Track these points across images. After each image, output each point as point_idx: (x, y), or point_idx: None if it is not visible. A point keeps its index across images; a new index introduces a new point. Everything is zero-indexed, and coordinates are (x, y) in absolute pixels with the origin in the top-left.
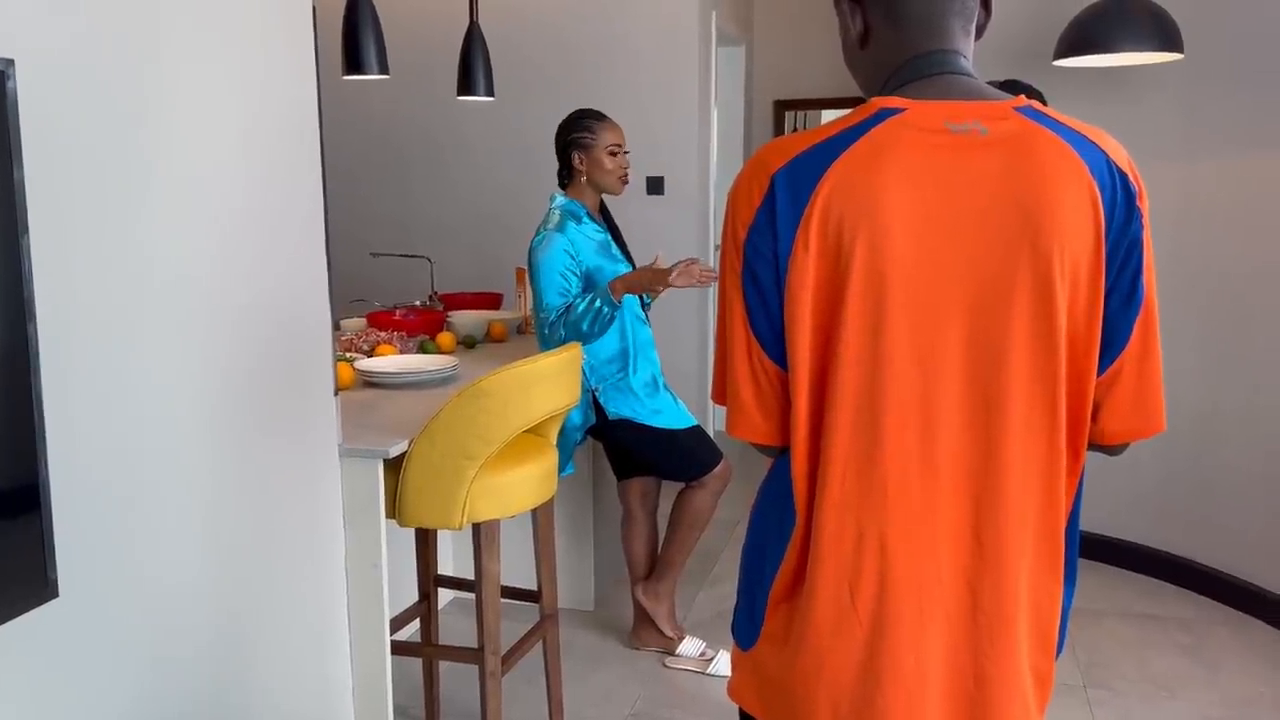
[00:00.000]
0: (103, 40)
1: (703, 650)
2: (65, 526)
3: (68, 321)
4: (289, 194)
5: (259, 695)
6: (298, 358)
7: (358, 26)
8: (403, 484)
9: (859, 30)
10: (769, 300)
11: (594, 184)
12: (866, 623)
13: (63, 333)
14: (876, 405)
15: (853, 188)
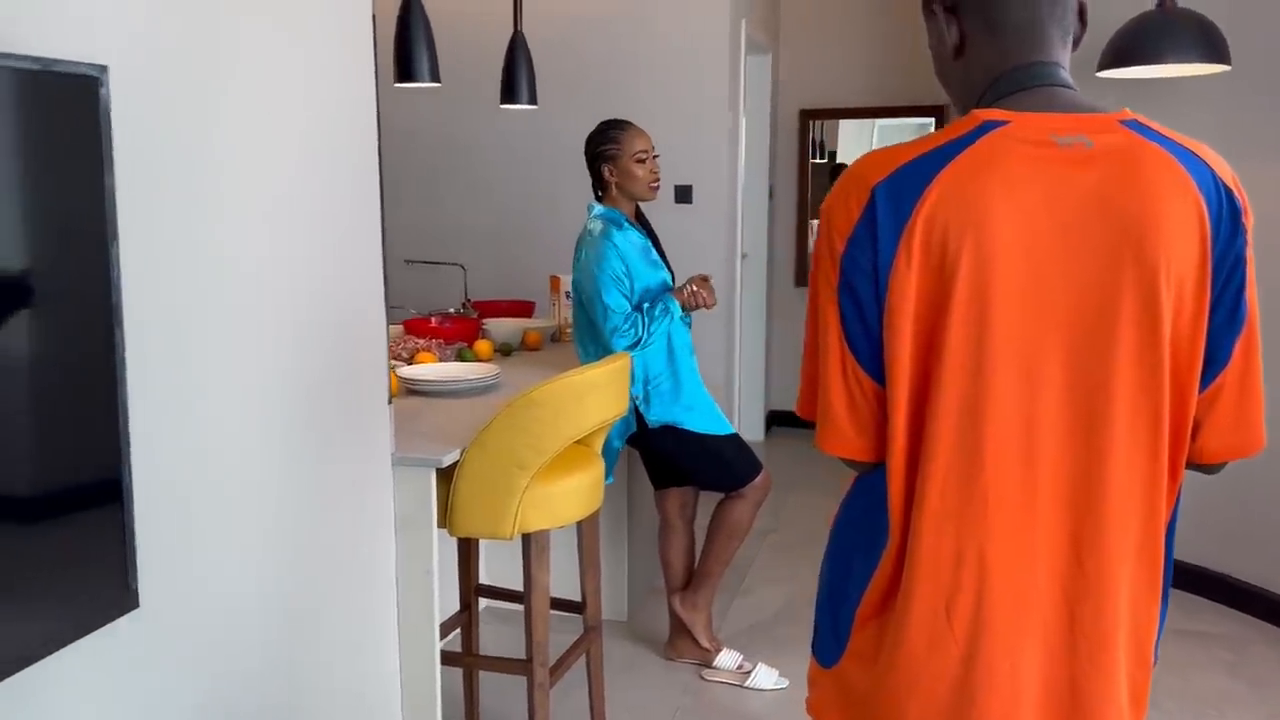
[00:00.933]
0: (181, 48)
1: (740, 663)
2: (141, 535)
3: (145, 328)
4: (348, 203)
5: (312, 701)
6: (354, 365)
7: (410, 35)
8: (454, 493)
9: (954, 41)
10: (867, 314)
11: (625, 192)
12: (962, 640)
13: (140, 339)
14: (978, 420)
15: (957, 200)
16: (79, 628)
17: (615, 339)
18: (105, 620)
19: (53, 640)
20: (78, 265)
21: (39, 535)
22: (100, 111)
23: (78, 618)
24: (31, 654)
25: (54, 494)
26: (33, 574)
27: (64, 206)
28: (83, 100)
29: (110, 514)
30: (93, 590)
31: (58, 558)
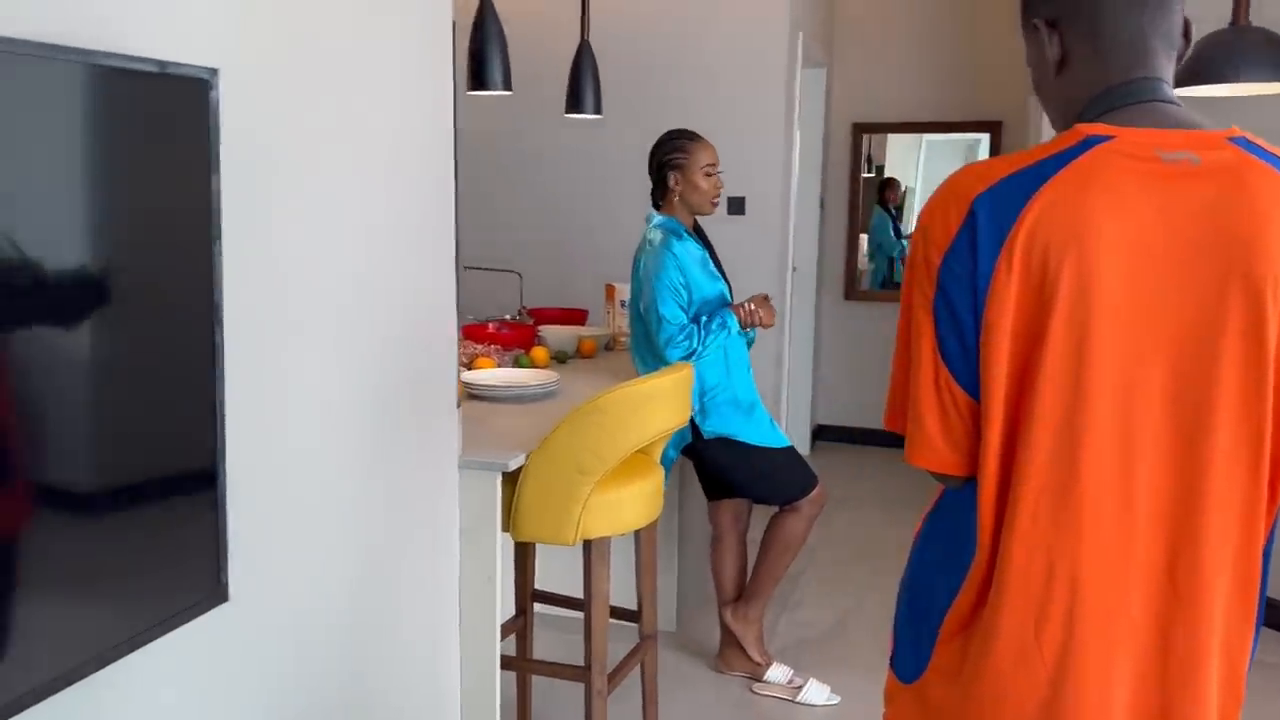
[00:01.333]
0: (278, 54)
1: (790, 678)
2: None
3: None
4: (426, 209)
5: (379, 698)
6: (426, 369)
7: (485, 43)
8: (518, 497)
9: (1056, 56)
10: (963, 327)
11: (687, 203)
12: (1050, 660)
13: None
14: (1075, 436)
15: (1060, 214)
16: (173, 619)
17: (669, 350)
18: (198, 613)
19: (148, 631)
20: (183, 263)
21: (138, 529)
22: (210, 113)
23: (172, 610)
24: (129, 644)
25: (153, 489)
26: (132, 567)
27: (173, 205)
28: (194, 102)
29: (205, 510)
30: (187, 583)
31: (155, 551)
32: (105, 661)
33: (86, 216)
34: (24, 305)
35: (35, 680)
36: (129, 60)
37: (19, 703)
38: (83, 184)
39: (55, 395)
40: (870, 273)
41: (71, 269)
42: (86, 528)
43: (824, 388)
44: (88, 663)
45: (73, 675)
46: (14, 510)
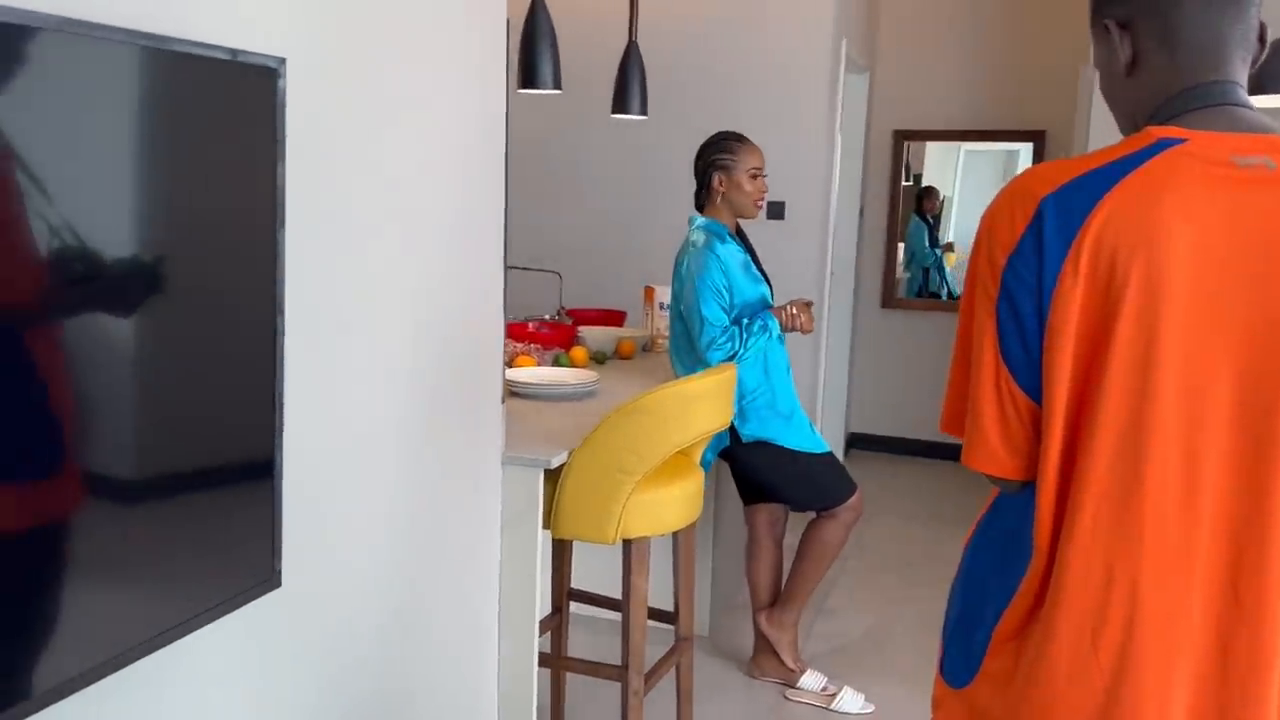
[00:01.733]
0: (340, 47)
1: (825, 685)
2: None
3: (294, 316)
4: (477, 205)
5: (420, 685)
6: (473, 364)
7: (536, 42)
8: (560, 495)
9: (1127, 58)
10: (1026, 329)
11: (731, 206)
12: (1107, 669)
13: (288, 327)
14: (1139, 443)
15: (1129, 217)
16: (227, 603)
17: (711, 352)
18: (251, 597)
19: (204, 614)
20: (248, 251)
21: (197, 515)
22: (278, 102)
23: (227, 594)
24: (184, 626)
25: (213, 476)
26: (190, 551)
27: (240, 193)
28: (263, 91)
29: (262, 497)
30: (243, 569)
31: (213, 537)
32: (162, 643)
33: (155, 203)
34: (94, 292)
35: (93, 661)
36: (202, 47)
37: (78, 681)
38: (152, 170)
39: (119, 382)
40: (906, 281)
41: (138, 256)
42: (147, 513)
43: (859, 396)
44: (145, 644)
45: (130, 656)
46: (76, 494)
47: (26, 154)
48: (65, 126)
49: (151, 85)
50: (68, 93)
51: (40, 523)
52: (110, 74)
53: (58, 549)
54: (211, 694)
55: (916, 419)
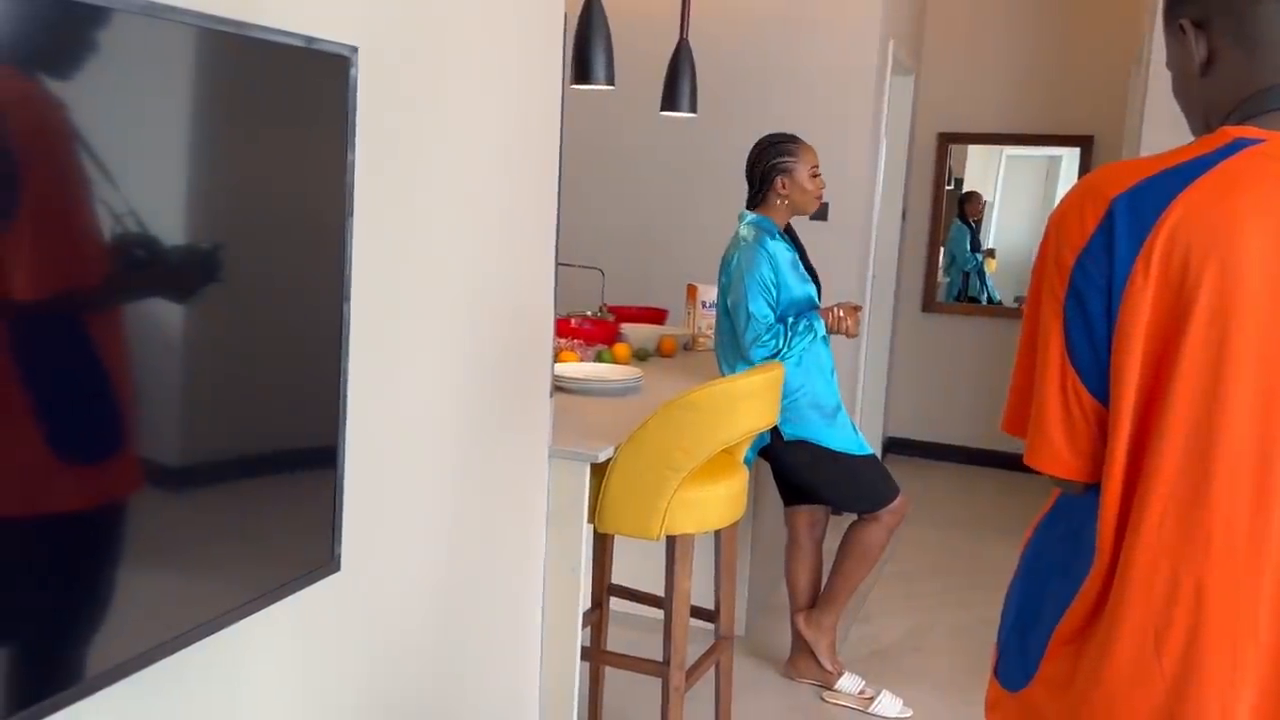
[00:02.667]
0: (405, 38)
1: (862, 688)
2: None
3: (357, 305)
4: (532, 200)
5: (467, 670)
6: (524, 357)
7: (590, 38)
8: (605, 489)
9: (1202, 57)
10: (1094, 328)
11: (792, 205)
12: (1170, 675)
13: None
14: (1208, 447)
15: (1203, 218)
16: (289, 585)
17: (754, 348)
18: (311, 580)
19: (265, 596)
20: (317, 237)
21: (260, 499)
22: (349, 90)
23: (288, 577)
24: (247, 607)
25: (276, 461)
26: (255, 533)
27: (310, 179)
28: (335, 78)
29: (324, 483)
30: (305, 553)
31: (277, 519)
32: (223, 624)
33: (226, 188)
34: (162, 278)
35: (153, 642)
36: (278, 34)
37: (145, 658)
38: (225, 155)
39: (185, 367)
40: (945, 286)
41: (207, 242)
42: (209, 497)
43: (897, 400)
44: (208, 624)
45: (192, 636)
46: (137, 477)
47: (100, 138)
48: (139, 110)
49: (228, 71)
50: (143, 76)
51: (102, 504)
52: (187, 58)
53: (120, 531)
54: (269, 674)
55: (955, 424)
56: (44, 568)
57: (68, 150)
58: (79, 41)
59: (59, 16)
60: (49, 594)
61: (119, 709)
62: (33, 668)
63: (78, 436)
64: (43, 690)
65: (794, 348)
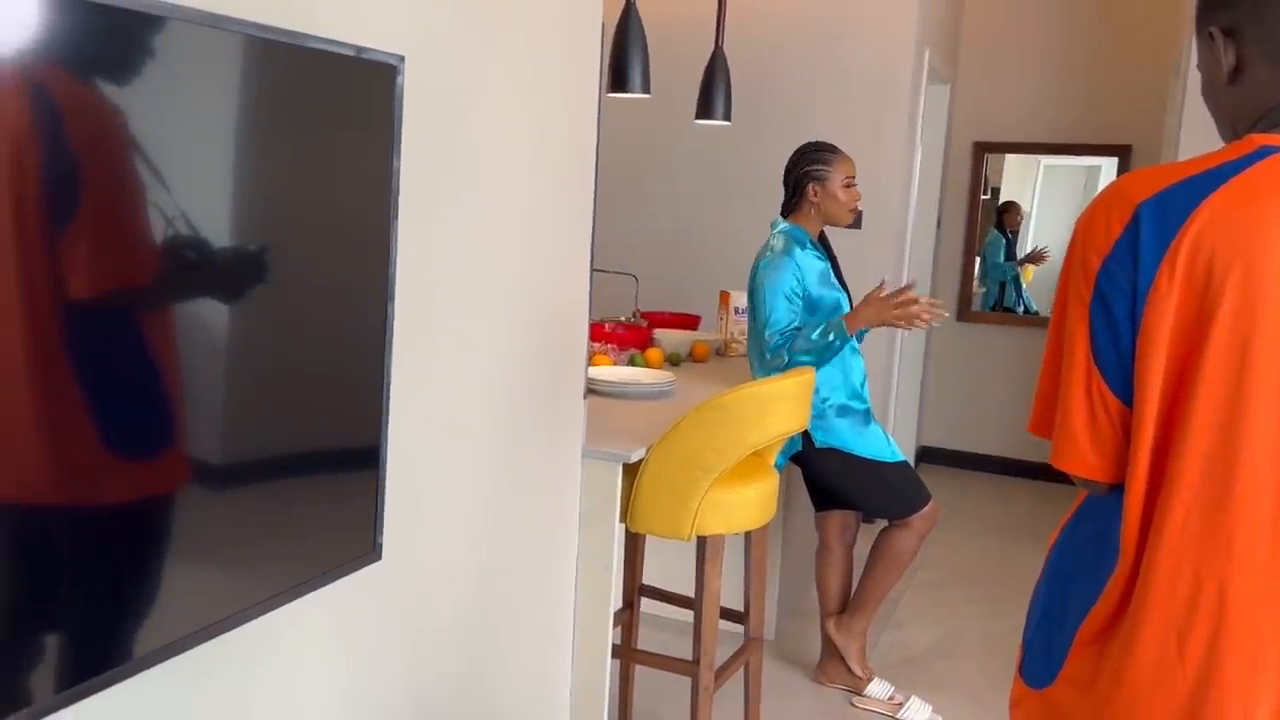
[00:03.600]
0: (449, 48)
1: (891, 694)
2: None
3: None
4: (567, 205)
5: (498, 668)
6: (559, 358)
7: (627, 46)
8: (637, 489)
9: (1230, 65)
10: (1119, 331)
11: (825, 214)
12: (1192, 676)
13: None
14: (1231, 450)
15: (1228, 224)
16: (333, 572)
17: (770, 355)
18: (354, 569)
19: (310, 581)
20: (364, 239)
21: (307, 491)
22: (396, 98)
23: (331, 565)
24: (293, 592)
25: (322, 454)
26: (299, 523)
27: (357, 184)
28: (383, 87)
29: (367, 477)
30: (347, 541)
31: (320, 511)
32: (268, 608)
33: (276, 193)
34: (212, 279)
35: (204, 622)
36: (329, 44)
37: (193, 639)
38: (275, 161)
39: (233, 366)
40: (981, 296)
41: (258, 245)
42: (253, 492)
43: (931, 409)
44: (256, 606)
45: (242, 617)
46: (184, 471)
47: (154, 143)
48: (193, 116)
49: (280, 78)
50: (198, 83)
51: (153, 496)
52: (241, 66)
53: (169, 521)
54: (313, 657)
55: (989, 434)
56: (98, 555)
57: (124, 155)
58: (137, 49)
59: (118, 25)
60: (102, 579)
61: (173, 685)
62: (87, 646)
63: (131, 433)
64: (97, 667)
65: (814, 354)
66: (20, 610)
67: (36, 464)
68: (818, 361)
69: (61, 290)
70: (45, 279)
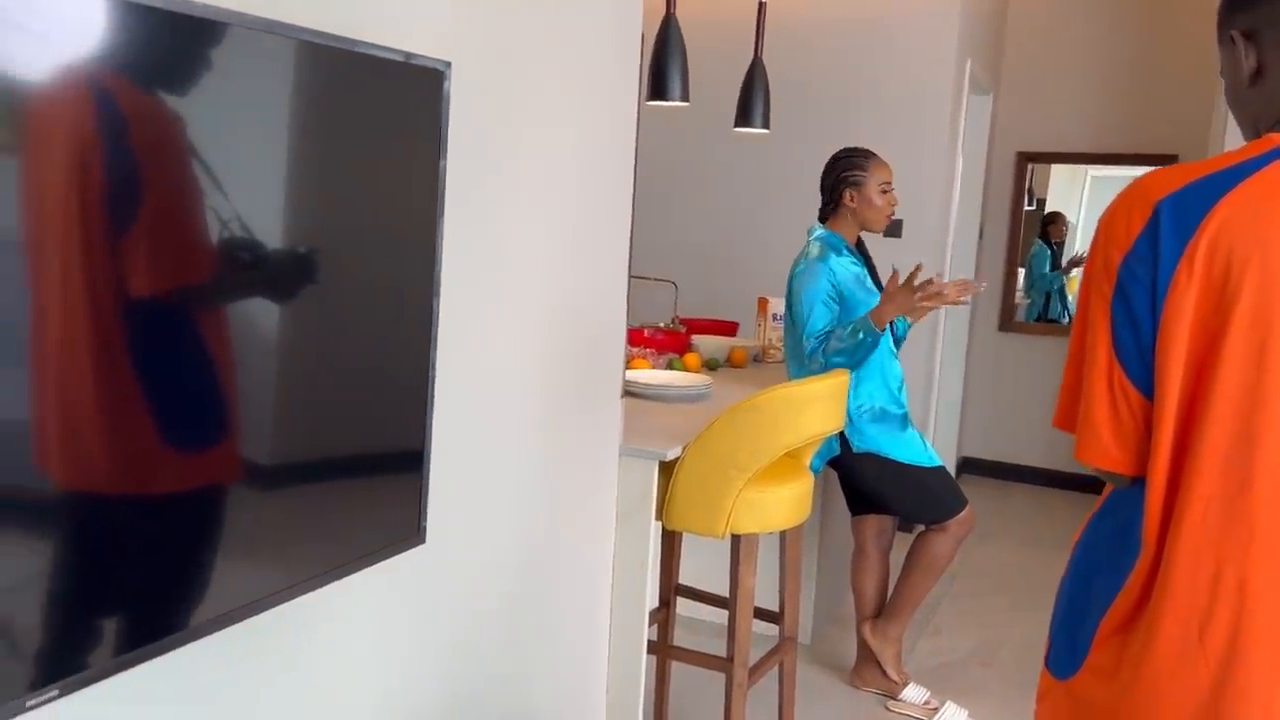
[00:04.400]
0: (493, 55)
1: (927, 699)
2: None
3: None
4: (605, 209)
5: (536, 653)
6: (597, 357)
7: (667, 55)
8: (673, 487)
9: (1251, 67)
10: (1140, 326)
11: (860, 220)
12: (1214, 665)
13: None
14: (1250, 442)
15: (1246, 221)
16: (381, 552)
17: (810, 361)
18: (400, 550)
19: (360, 559)
20: (412, 237)
21: (358, 477)
22: (443, 102)
23: (381, 545)
24: (347, 567)
25: (372, 444)
26: (351, 508)
27: (407, 183)
28: (430, 92)
29: (413, 462)
30: (394, 524)
31: (371, 496)
32: (323, 583)
33: (326, 195)
34: (263, 278)
35: (254, 595)
36: (380, 49)
37: (240, 613)
38: (326, 162)
39: (285, 361)
40: (1026, 307)
41: (309, 246)
42: (306, 485)
43: (972, 419)
44: (306, 581)
45: (283, 596)
46: (239, 460)
47: (210, 144)
48: (247, 120)
49: (332, 83)
50: (253, 88)
51: (207, 486)
52: (295, 70)
53: (221, 506)
54: (360, 633)
55: (1031, 445)
56: (155, 539)
57: (183, 156)
58: (196, 54)
59: (179, 30)
60: (161, 557)
61: (228, 652)
62: (148, 617)
63: (186, 425)
64: (155, 634)
65: (847, 355)
66: (86, 584)
67: (100, 453)
68: (851, 362)
69: (123, 289)
70: (108, 278)
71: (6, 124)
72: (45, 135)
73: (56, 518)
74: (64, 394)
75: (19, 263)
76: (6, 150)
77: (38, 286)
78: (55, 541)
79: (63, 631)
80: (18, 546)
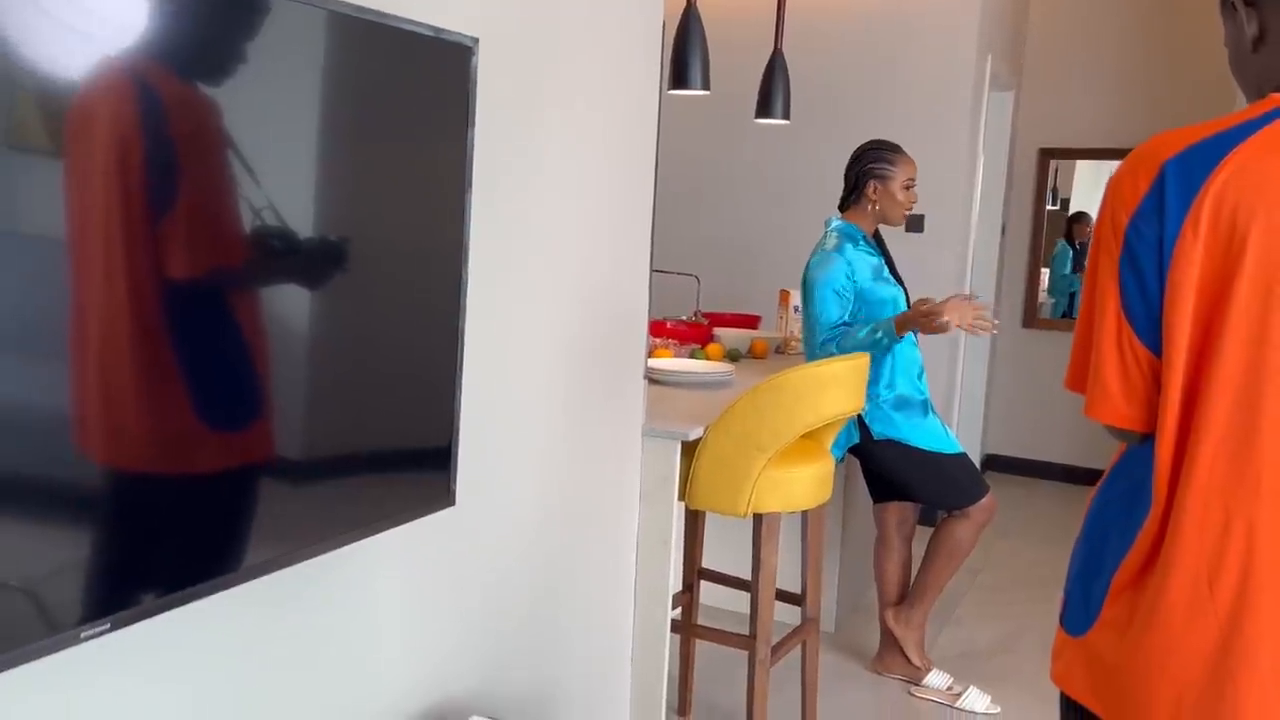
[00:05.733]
0: (524, 32)
1: (950, 684)
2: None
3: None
4: (627, 193)
5: (561, 643)
6: (620, 339)
7: (688, 44)
8: (695, 467)
9: (1254, 33)
10: (1147, 285)
11: (881, 214)
12: (1223, 614)
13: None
14: (1257, 395)
15: (1250, 177)
16: (413, 511)
17: (820, 352)
18: (431, 510)
19: (394, 516)
20: (441, 213)
21: (395, 439)
22: (471, 78)
23: (413, 504)
24: (382, 523)
25: (408, 406)
26: (388, 468)
27: (436, 159)
28: (458, 66)
29: (443, 427)
30: (426, 485)
31: (404, 456)
32: (361, 535)
33: (359, 168)
34: (297, 260)
35: (296, 546)
36: (410, 23)
37: (286, 558)
38: (358, 138)
39: (319, 334)
40: (1050, 306)
41: (343, 224)
42: (340, 466)
43: (996, 415)
44: (351, 532)
45: (322, 547)
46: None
47: (245, 118)
48: (280, 97)
49: (361, 57)
50: (287, 63)
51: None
52: (324, 43)
53: (258, 477)
54: (393, 587)
55: (1055, 441)
56: (196, 502)
57: (219, 142)
58: (232, 34)
59: (215, 7)
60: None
61: (273, 597)
62: (189, 563)
63: (223, 404)
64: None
65: (863, 349)
66: (134, 539)
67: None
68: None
69: (162, 273)
70: (148, 265)
71: (53, 126)
72: (89, 132)
73: (106, 487)
74: (104, 375)
75: (63, 254)
76: (52, 151)
77: (80, 277)
78: (104, 509)
79: (113, 574)
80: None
